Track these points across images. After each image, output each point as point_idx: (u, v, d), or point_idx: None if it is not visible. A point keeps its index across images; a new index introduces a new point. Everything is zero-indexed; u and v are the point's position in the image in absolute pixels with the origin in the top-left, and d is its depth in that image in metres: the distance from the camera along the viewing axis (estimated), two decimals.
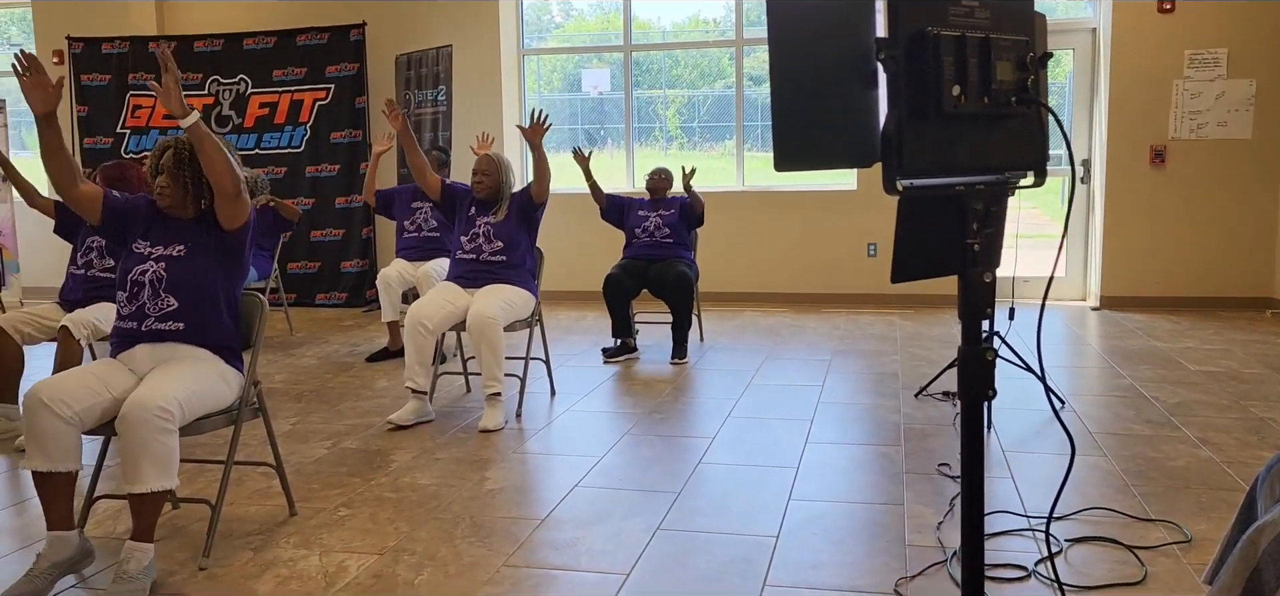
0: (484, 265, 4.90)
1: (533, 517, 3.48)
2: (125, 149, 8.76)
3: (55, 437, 2.83)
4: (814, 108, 1.28)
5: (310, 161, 8.55)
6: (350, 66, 8.44)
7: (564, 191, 7.58)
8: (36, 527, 3.42)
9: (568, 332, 7.07)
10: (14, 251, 8.90)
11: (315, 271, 8.61)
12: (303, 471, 4.01)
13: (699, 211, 6.18)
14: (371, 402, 5.18)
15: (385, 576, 3.00)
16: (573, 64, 9.66)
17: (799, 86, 1.26)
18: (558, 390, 5.34)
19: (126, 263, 3.17)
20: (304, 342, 6.94)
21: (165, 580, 2.98)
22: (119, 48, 8.82)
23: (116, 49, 8.83)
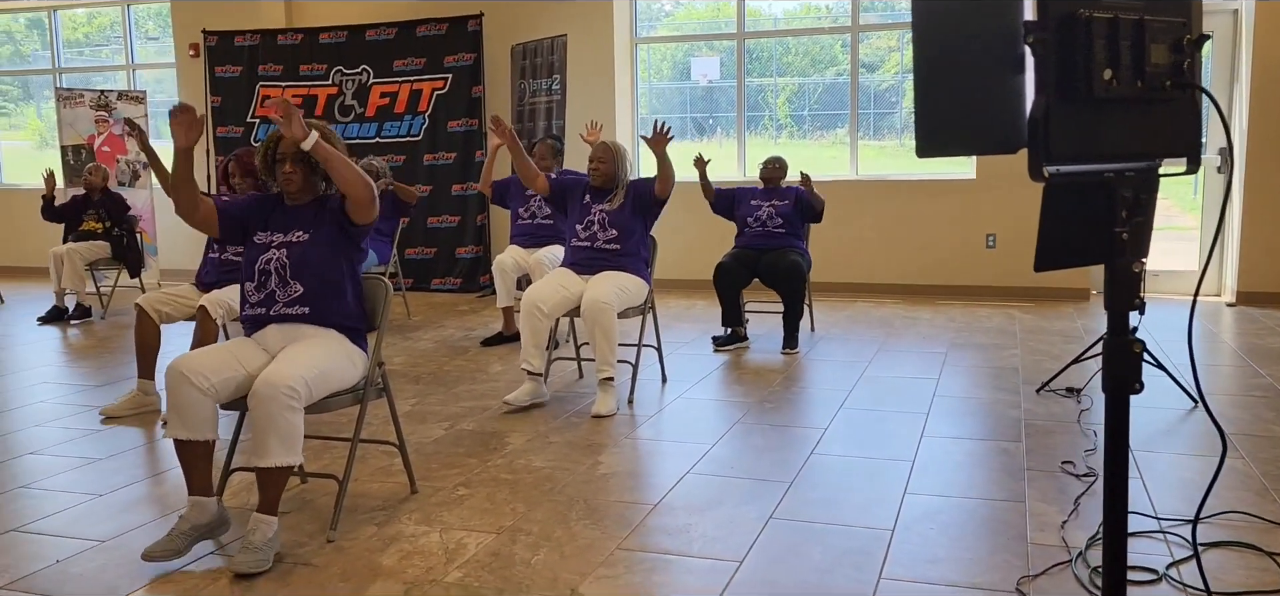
0: (598, 253, 4.94)
1: (645, 502, 3.50)
2: (254, 137, 9.12)
3: (193, 407, 2.98)
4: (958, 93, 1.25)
5: (428, 149, 8.76)
6: (467, 56, 8.61)
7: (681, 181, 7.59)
8: (176, 497, 3.60)
9: (678, 320, 7.08)
10: (153, 236, 9.37)
11: (432, 257, 8.83)
12: (422, 451, 4.12)
13: (819, 209, 6.12)
14: (487, 386, 5.28)
15: (502, 555, 3.06)
16: (682, 53, 9.65)
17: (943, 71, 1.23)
18: (669, 377, 5.35)
19: (251, 252, 3.30)
20: (421, 326, 7.12)
21: (295, 550, 3.10)
22: (250, 41, 9.18)
23: (247, 42, 9.19)
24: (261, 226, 3.32)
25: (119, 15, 10.70)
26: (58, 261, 7.49)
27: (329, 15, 9.29)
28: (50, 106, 11.38)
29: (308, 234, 3.27)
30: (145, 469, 3.98)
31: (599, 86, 8.63)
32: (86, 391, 5.32)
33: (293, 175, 3.27)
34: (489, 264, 8.68)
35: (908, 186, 8.22)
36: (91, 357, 6.26)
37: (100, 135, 9.44)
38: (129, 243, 7.87)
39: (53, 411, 4.90)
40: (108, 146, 9.44)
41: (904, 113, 9.18)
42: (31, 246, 10.08)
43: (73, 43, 11.20)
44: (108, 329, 7.28)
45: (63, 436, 4.44)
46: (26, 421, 4.71)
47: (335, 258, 3.28)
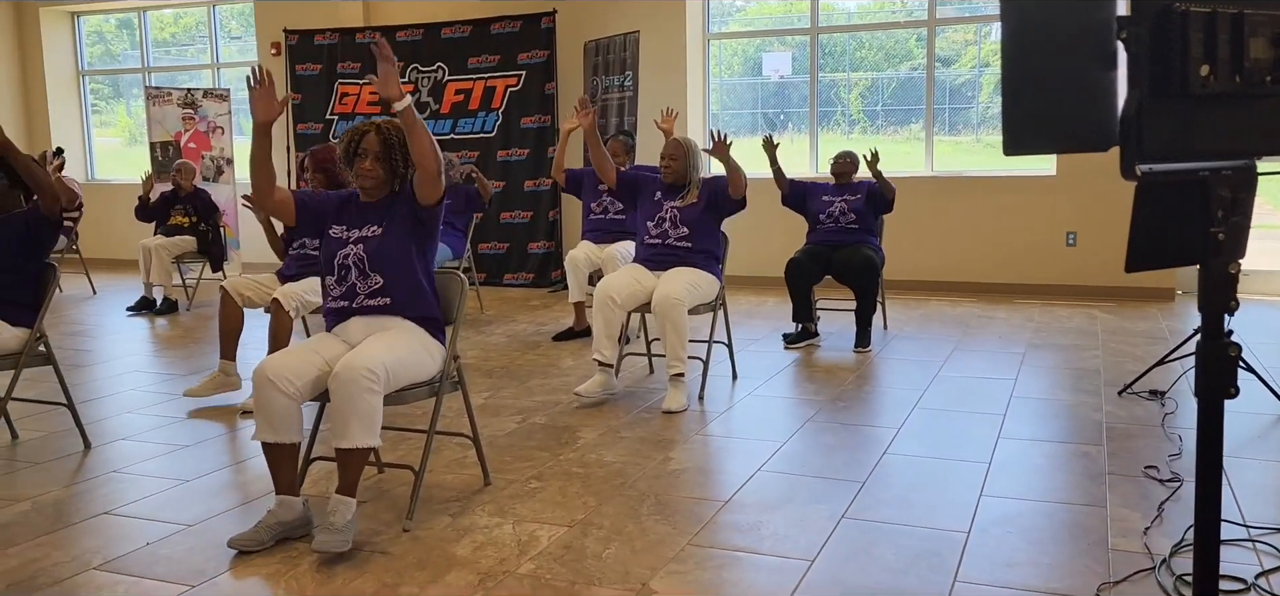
0: (670, 250, 4.94)
1: (716, 499, 3.50)
2: (332, 134, 9.31)
3: (280, 412, 3.05)
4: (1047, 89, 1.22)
5: (501, 146, 8.86)
6: (540, 53, 8.68)
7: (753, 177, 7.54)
8: (257, 485, 3.69)
9: (748, 317, 7.06)
10: (235, 230, 9.63)
11: (504, 252, 8.92)
12: (495, 444, 4.17)
13: (889, 197, 6.04)
14: (558, 380, 5.32)
15: (574, 548, 3.08)
16: (753, 48, 9.60)
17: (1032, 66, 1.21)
18: (739, 374, 5.34)
19: (328, 248, 3.37)
20: (493, 320, 7.20)
21: (372, 538, 3.16)
22: (329, 39, 9.38)
23: (327, 40, 9.39)
24: (337, 221, 3.39)
25: (203, 15, 11.01)
26: (146, 255, 7.74)
27: (406, 14, 9.44)
28: (139, 104, 11.76)
29: (380, 227, 3.32)
30: (228, 456, 4.09)
31: (671, 83, 8.63)
32: (173, 380, 5.49)
33: (370, 171, 3.33)
34: (561, 259, 8.74)
35: (984, 182, 8.07)
36: (178, 348, 6.46)
37: (186, 132, 9.72)
38: (213, 237, 8.10)
39: (141, 399, 5.07)
40: (194, 143, 9.72)
41: (980, 107, 9.01)
42: (122, 239, 10.43)
43: (160, 42, 11.56)
44: (193, 320, 7.50)
45: (151, 423, 4.59)
46: (117, 408, 4.88)
47: (408, 248, 3.32)
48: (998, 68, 8.47)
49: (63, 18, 11.24)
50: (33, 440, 4.32)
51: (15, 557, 3.05)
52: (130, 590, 2.82)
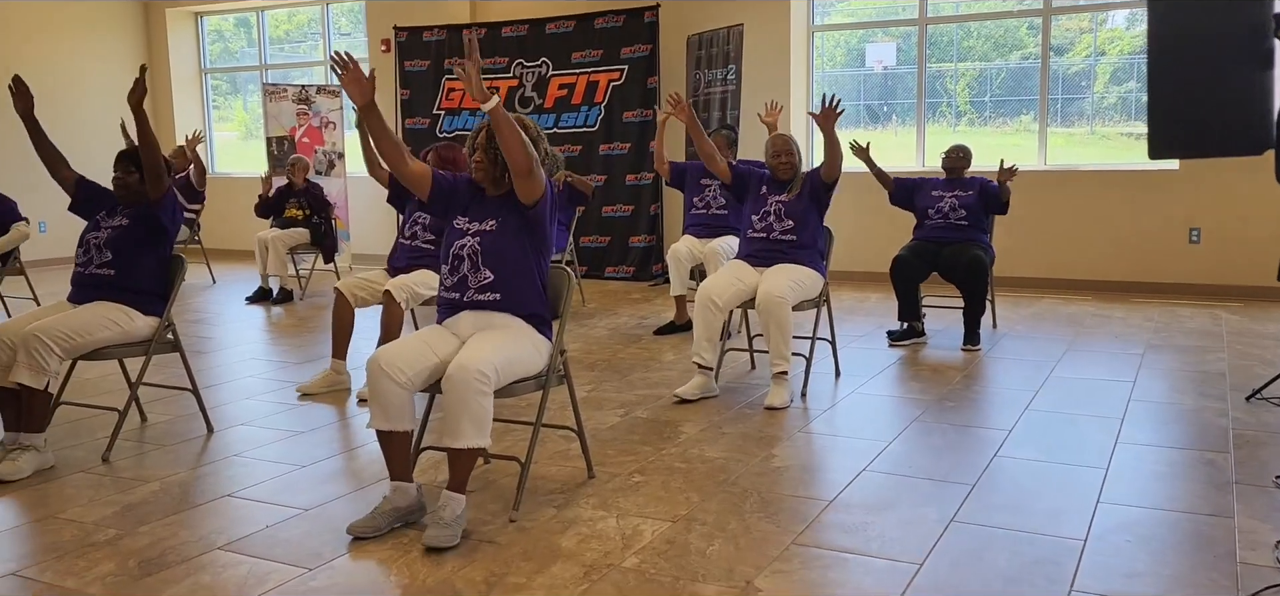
0: (774, 244, 4.90)
1: (820, 498, 3.46)
2: (440, 129, 9.50)
3: (393, 400, 3.13)
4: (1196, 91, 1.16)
5: (603, 140, 8.91)
6: (643, 47, 8.70)
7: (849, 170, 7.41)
8: (369, 471, 3.80)
9: (851, 314, 6.96)
10: (346, 222, 9.92)
11: (605, 245, 8.98)
12: (598, 437, 4.20)
13: (1005, 200, 5.88)
14: (660, 374, 5.33)
15: (678, 543, 3.08)
16: (856, 39, 9.45)
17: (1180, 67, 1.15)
18: (842, 371, 5.27)
19: (449, 238, 3.43)
20: (595, 314, 7.26)
21: (479, 528, 3.22)
22: (437, 36, 9.57)
23: (435, 37, 9.58)
24: (462, 211, 3.45)
25: (315, 13, 11.35)
26: (263, 247, 8.03)
27: (511, 10, 9.57)
28: (255, 100, 12.19)
29: (497, 223, 3.37)
30: (340, 443, 4.22)
31: (774, 75, 8.56)
32: (288, 368, 5.69)
33: (479, 163, 3.39)
34: (661, 253, 8.76)
35: (1101, 176, 7.79)
36: (292, 337, 6.69)
37: (300, 127, 10.05)
38: (326, 230, 8.35)
39: (259, 385, 5.26)
40: (307, 138, 10.04)
41: (1095, 97, 8.70)
42: (240, 231, 10.83)
43: (274, 40, 11.96)
44: (306, 310, 7.75)
45: (267, 409, 4.76)
46: (237, 394, 5.07)
47: (522, 247, 3.37)
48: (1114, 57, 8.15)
49: (187, 18, 11.72)
50: (160, 423, 4.53)
51: (146, 536, 3.20)
52: (252, 571, 2.93)
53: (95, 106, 10.96)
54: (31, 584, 2.87)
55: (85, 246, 4.11)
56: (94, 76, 11.04)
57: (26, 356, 3.69)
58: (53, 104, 10.65)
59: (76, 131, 10.75)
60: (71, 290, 4.12)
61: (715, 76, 8.31)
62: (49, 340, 3.73)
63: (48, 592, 2.80)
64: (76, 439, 4.25)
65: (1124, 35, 8.88)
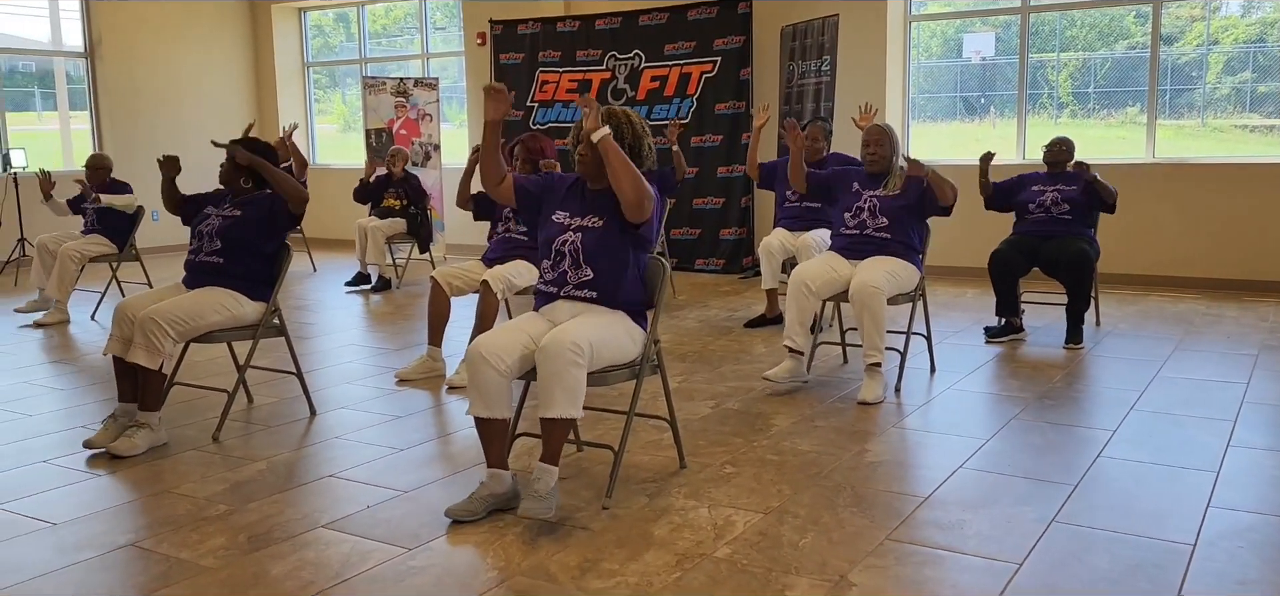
0: (868, 240, 4.83)
1: (915, 494, 3.41)
2: (533, 121, 9.61)
3: (492, 387, 3.18)
4: None
5: (695, 132, 8.90)
6: (736, 39, 8.66)
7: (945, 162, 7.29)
8: (464, 457, 3.87)
9: (946, 309, 6.83)
10: (441, 212, 10.11)
11: (696, 237, 8.97)
12: (689, 428, 4.21)
13: (1110, 201, 5.68)
14: (750, 366, 5.32)
15: (770, 535, 3.07)
16: (953, 29, 9.25)
17: None
18: (938, 367, 5.18)
19: (547, 231, 3.47)
20: (685, 306, 7.26)
21: (573, 515, 3.25)
22: (532, 29, 9.68)
23: (529, 30, 9.69)
24: (561, 205, 3.49)
25: (411, 8, 11.58)
26: (362, 235, 8.24)
27: (604, 3, 9.61)
28: (352, 93, 12.50)
29: (602, 220, 3.40)
30: (436, 429, 4.31)
31: (870, 67, 8.44)
32: (385, 354, 5.83)
33: (584, 157, 3.42)
34: (752, 246, 8.72)
35: (1213, 170, 7.49)
36: (389, 323, 6.85)
37: (398, 120, 10.27)
38: (422, 220, 8.53)
39: (358, 370, 5.40)
40: (405, 130, 10.26)
41: (1207, 88, 8.36)
42: (339, 220, 11.13)
43: (371, 34, 12.24)
44: (403, 297, 7.93)
45: (366, 394, 4.89)
46: (336, 379, 5.22)
47: (624, 245, 3.39)
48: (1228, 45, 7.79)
49: (291, 13, 12.08)
50: (266, 405, 4.69)
51: (255, 513, 3.32)
52: (355, 549, 3.02)
53: (205, 99, 11.37)
54: (150, 554, 3.00)
55: (198, 235, 4.28)
56: (204, 70, 11.45)
57: (143, 338, 3.86)
58: (165, 97, 11.10)
59: (186, 123, 11.19)
60: (185, 275, 4.29)
61: (809, 68, 8.23)
62: (164, 323, 3.90)
63: (165, 563, 2.93)
64: (188, 418, 4.43)
65: (1239, 23, 8.52)
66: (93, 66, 10.69)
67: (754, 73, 8.65)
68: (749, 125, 8.53)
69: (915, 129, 9.02)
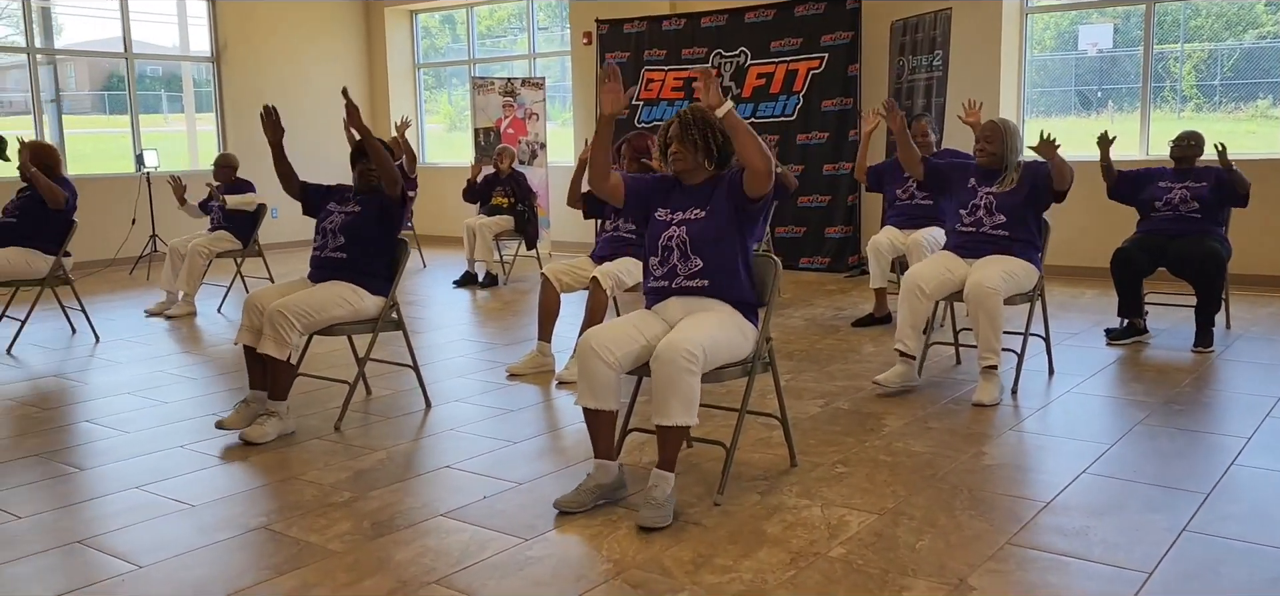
0: (984, 238, 4.71)
1: (1036, 499, 3.32)
2: (638, 119, 9.66)
3: (601, 380, 3.22)
4: None
5: (801, 129, 8.83)
6: (844, 35, 8.55)
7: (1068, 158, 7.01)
8: (575, 450, 3.92)
9: (1064, 309, 6.63)
10: (547, 209, 10.24)
11: (800, 236, 8.90)
12: (799, 426, 4.18)
13: (1243, 192, 5.44)
14: (860, 366, 5.25)
15: (885, 536, 3.04)
16: (1068, 21, 8.96)
17: None
18: (1056, 369, 5.03)
19: (653, 229, 3.50)
20: (790, 304, 7.21)
21: (685, 510, 3.27)
22: (637, 28, 9.73)
23: (635, 28, 9.75)
24: (662, 204, 3.52)
25: (515, 9, 11.76)
26: (470, 233, 8.40)
27: (710, 0, 9.61)
28: (458, 93, 12.77)
29: (704, 211, 3.41)
30: (546, 423, 4.37)
31: (982, 61, 8.24)
32: (494, 349, 5.93)
33: (677, 153, 3.44)
34: (858, 245, 8.61)
35: None
36: (497, 320, 6.97)
37: (506, 119, 10.45)
38: (529, 217, 8.66)
39: (469, 365, 5.52)
40: (512, 129, 10.43)
41: None
42: (447, 217, 11.38)
43: (478, 35, 12.47)
44: (510, 294, 8.07)
45: (478, 388, 4.99)
46: (449, 372, 5.34)
47: (730, 234, 3.40)
48: None
49: (403, 16, 12.39)
50: (383, 397, 4.83)
51: (376, 500, 3.42)
52: (473, 537, 3.09)
53: (320, 97, 11.76)
54: (280, 536, 3.12)
55: (321, 232, 4.44)
56: (321, 72, 11.84)
57: (272, 330, 4.02)
58: (284, 98, 11.51)
59: (304, 123, 11.59)
60: (309, 270, 4.45)
61: (920, 63, 8.08)
62: (291, 316, 4.05)
63: (295, 545, 3.05)
64: (311, 408, 4.59)
65: None
66: (219, 70, 11.16)
67: (862, 69, 8.54)
68: (856, 122, 8.44)
69: (1030, 124, 8.77)
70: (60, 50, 10.58)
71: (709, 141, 3.43)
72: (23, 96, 10.44)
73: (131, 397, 4.91)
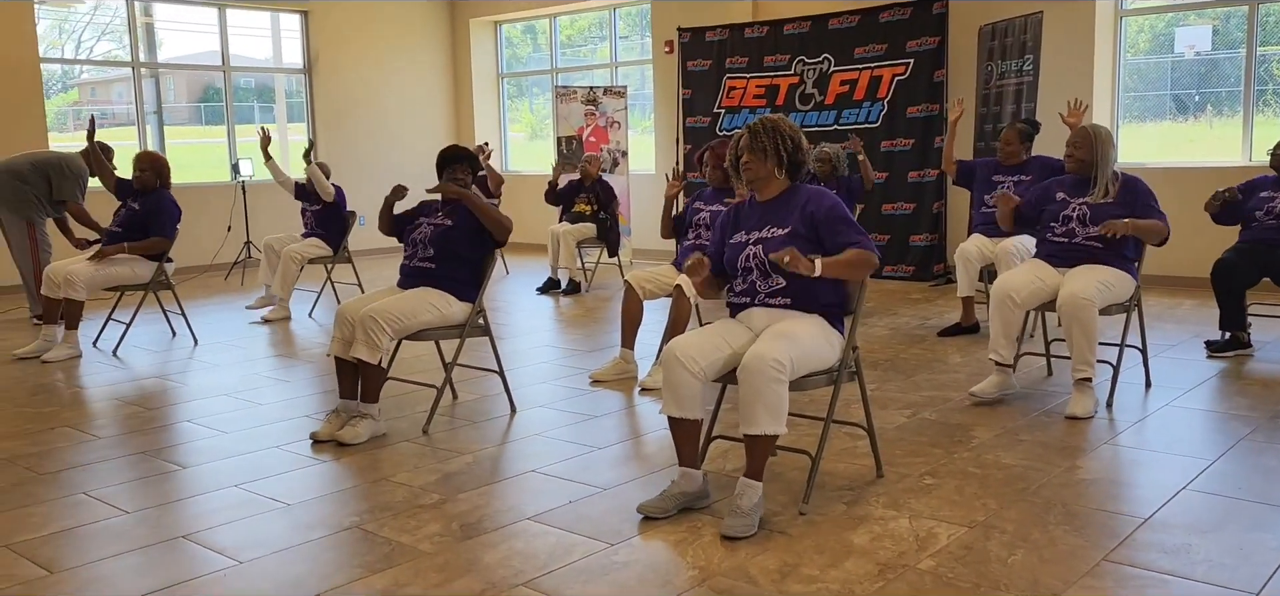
0: (1079, 248, 4.58)
1: (1134, 515, 3.22)
2: (719, 127, 9.65)
3: (686, 388, 3.22)
4: None
5: (886, 136, 8.72)
6: (930, 40, 8.43)
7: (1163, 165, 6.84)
8: (659, 457, 3.93)
9: (1160, 320, 6.43)
10: (628, 218, 10.29)
11: (884, 243, 8.78)
12: (885, 436, 4.12)
13: None
14: (947, 376, 5.16)
15: (976, 549, 2.98)
16: (1163, 23, 8.69)
17: None
18: (1153, 382, 4.88)
19: (730, 254, 3.50)
20: (874, 312, 7.12)
21: (769, 519, 3.25)
22: (719, 36, 9.72)
23: (717, 37, 9.74)
24: (735, 228, 3.51)
25: (595, 18, 11.85)
26: (554, 241, 8.49)
27: (793, 7, 9.56)
28: (539, 102, 12.91)
29: (783, 230, 3.38)
30: (629, 429, 4.39)
31: (1075, 65, 8.04)
32: (577, 355, 5.98)
33: (748, 164, 3.44)
34: (943, 252, 8.46)
35: None
36: (579, 326, 7.02)
37: (588, 127, 10.53)
38: (611, 224, 8.71)
39: (552, 371, 5.57)
40: (593, 137, 10.51)
41: None
42: (526, 224, 11.50)
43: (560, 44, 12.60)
44: (592, 300, 8.12)
45: (562, 393, 5.03)
46: (533, 378, 5.40)
47: (809, 249, 3.37)
48: None
49: (487, 26, 12.59)
50: (469, 401, 4.90)
51: (465, 503, 3.48)
52: (559, 541, 3.11)
53: (405, 105, 12.00)
54: (373, 536, 3.19)
55: (411, 242, 4.54)
56: (407, 81, 12.10)
57: (364, 335, 4.12)
58: (372, 107, 11.78)
59: (391, 131, 11.85)
60: (399, 278, 4.54)
61: (1009, 68, 7.91)
62: (382, 321, 4.14)
63: (387, 545, 3.11)
64: (400, 411, 4.68)
65: None
66: (310, 80, 11.47)
67: (949, 74, 8.40)
68: (941, 128, 8.30)
69: (1124, 130, 8.53)
70: (163, 64, 10.99)
71: (779, 149, 3.41)
72: (126, 108, 10.89)
73: (228, 399, 5.07)
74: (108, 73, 11.49)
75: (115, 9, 10.47)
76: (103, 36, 11.09)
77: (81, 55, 11.15)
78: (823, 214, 3.36)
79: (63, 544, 3.20)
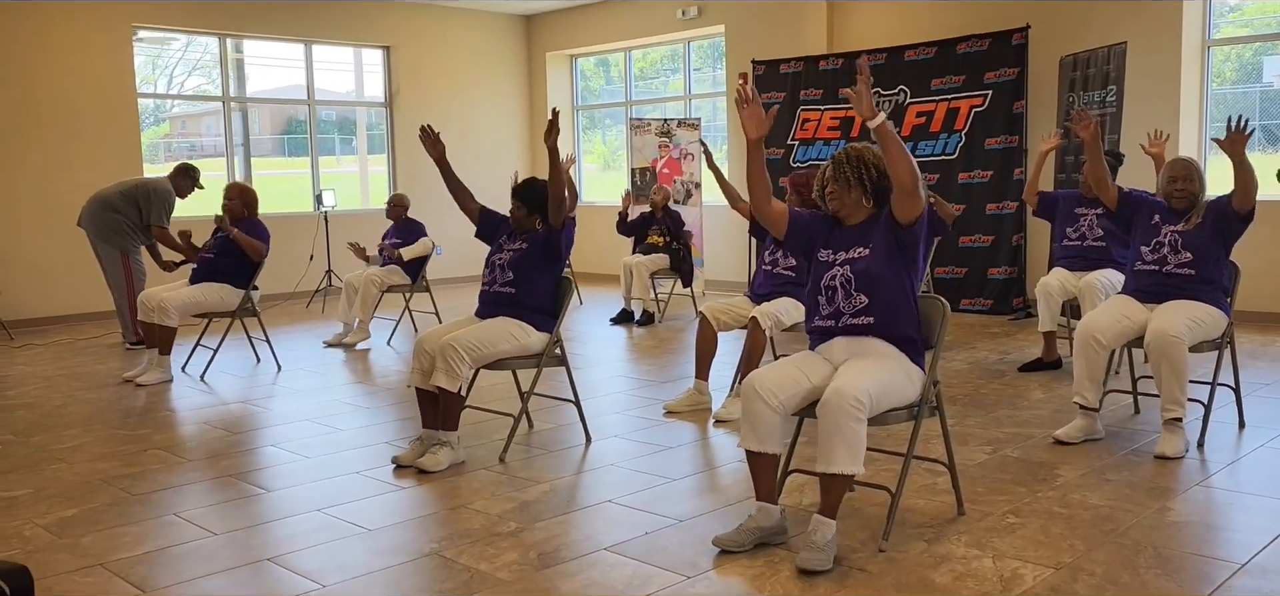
0: (1168, 279, 4.47)
1: (1229, 560, 3.11)
2: (794, 159, 9.62)
3: (765, 423, 3.21)
4: None
5: (963, 168, 8.60)
6: (1010, 72, 8.31)
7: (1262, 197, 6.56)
8: (734, 489, 3.91)
9: (1254, 358, 6.21)
10: (700, 248, 10.30)
11: (962, 276, 8.65)
12: (966, 473, 4.05)
13: None
14: (1028, 413, 5.05)
15: (1063, 592, 2.90)
16: (1250, 53, 8.44)
17: None
18: (1248, 422, 4.71)
19: (816, 272, 3.48)
20: (952, 346, 7.00)
21: (848, 556, 3.21)
22: (793, 68, 9.72)
23: (791, 69, 9.73)
24: (824, 244, 3.50)
25: (667, 51, 11.93)
26: (627, 271, 8.53)
27: (869, 38, 9.51)
28: (612, 133, 13.00)
29: (867, 249, 3.38)
30: (704, 461, 4.38)
31: (1161, 96, 7.85)
32: (652, 386, 5.99)
33: (834, 193, 3.43)
34: (1023, 286, 8.30)
35: None
36: (653, 357, 7.04)
37: (661, 159, 10.58)
38: (684, 255, 8.73)
39: (626, 401, 5.58)
40: (667, 168, 10.56)
41: None
42: (600, 255, 11.58)
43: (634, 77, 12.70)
44: (665, 331, 8.13)
45: (636, 424, 5.04)
46: (607, 408, 5.42)
47: (895, 270, 3.35)
48: None
49: (564, 60, 12.76)
50: (545, 430, 4.94)
51: (542, 532, 3.50)
52: (636, 573, 3.12)
53: (486, 137, 12.20)
54: (452, 563, 3.23)
55: (490, 267, 4.60)
56: (485, 114, 12.30)
57: (443, 363, 4.18)
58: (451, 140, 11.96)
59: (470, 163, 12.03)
60: (478, 306, 4.61)
61: (1092, 99, 7.76)
62: (461, 349, 4.20)
63: (466, 573, 3.15)
64: (477, 439, 4.74)
65: None
66: (391, 114, 11.74)
67: (1028, 105, 8.27)
68: (1021, 161, 8.17)
69: (1211, 162, 8.29)
70: (251, 97, 11.35)
71: (863, 177, 3.40)
72: (214, 140, 11.26)
73: (311, 424, 5.18)
74: (197, 106, 11.89)
75: (206, 45, 10.86)
76: (194, 72, 11.49)
77: (174, 90, 11.57)
78: (891, 211, 3.37)
79: (155, 563, 3.30)
